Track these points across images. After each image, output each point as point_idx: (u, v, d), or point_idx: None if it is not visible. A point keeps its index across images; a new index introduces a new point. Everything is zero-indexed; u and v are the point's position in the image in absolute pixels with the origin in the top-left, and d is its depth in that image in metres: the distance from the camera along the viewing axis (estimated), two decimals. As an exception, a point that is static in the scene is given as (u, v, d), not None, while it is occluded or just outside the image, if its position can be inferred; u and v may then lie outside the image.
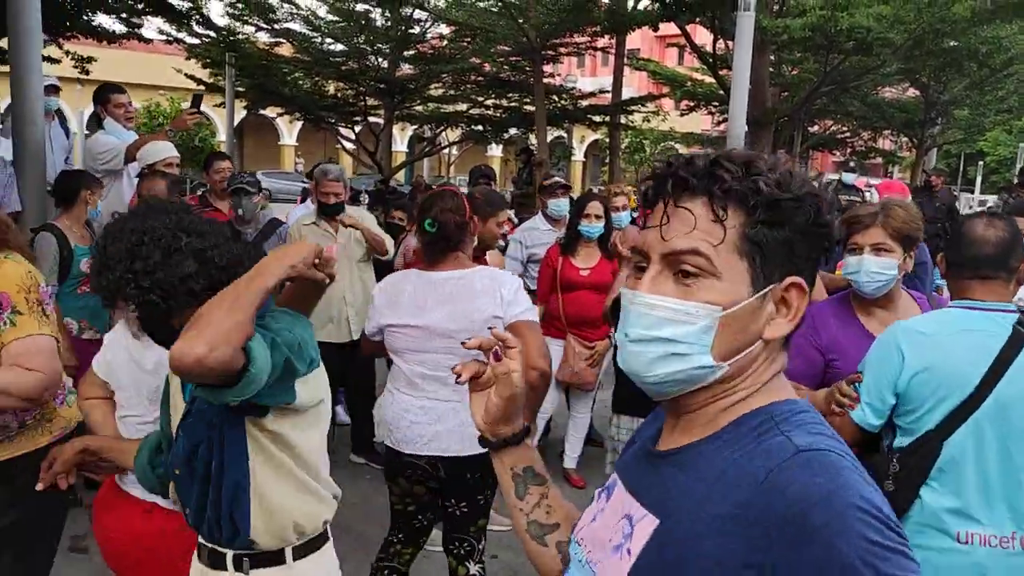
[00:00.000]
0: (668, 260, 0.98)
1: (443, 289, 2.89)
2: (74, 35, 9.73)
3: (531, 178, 11.44)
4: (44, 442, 2.38)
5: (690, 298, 0.96)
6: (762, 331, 0.98)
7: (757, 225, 0.95)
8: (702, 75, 18.19)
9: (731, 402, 1.01)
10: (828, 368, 2.56)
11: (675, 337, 0.97)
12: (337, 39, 14.62)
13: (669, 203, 0.98)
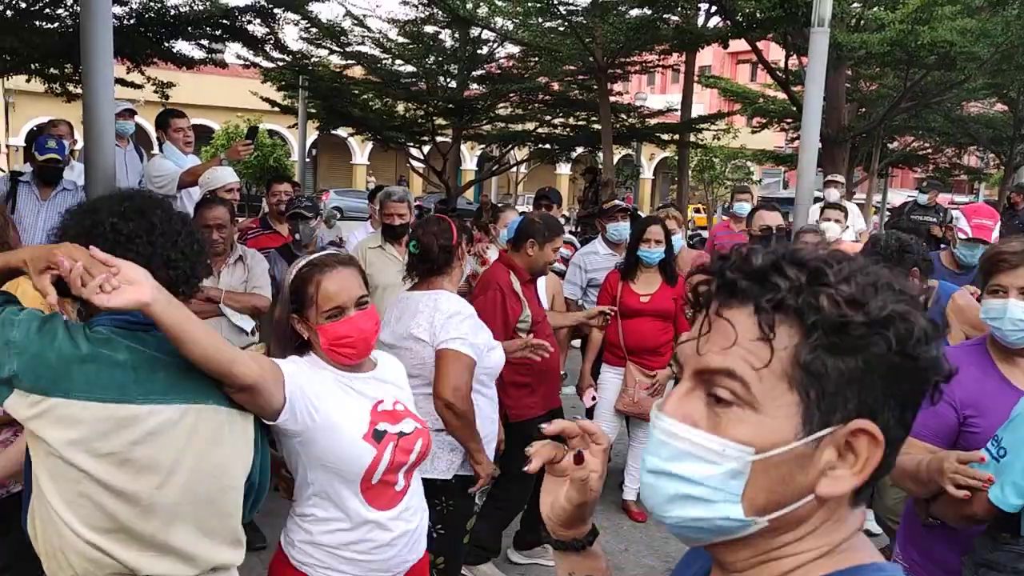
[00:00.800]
0: (701, 378, 0.80)
1: (404, 307, 3.02)
2: (155, 61, 10.10)
3: (597, 198, 11.34)
4: None
5: (718, 431, 0.78)
6: (814, 484, 0.77)
7: (816, 350, 0.75)
8: (775, 91, 17.83)
9: (794, 565, 0.81)
10: (964, 425, 2.27)
11: (694, 477, 0.78)
12: (407, 60, 14.81)
13: (712, 309, 0.80)
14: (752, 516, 0.78)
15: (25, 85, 12.18)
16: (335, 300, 1.97)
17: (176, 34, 9.65)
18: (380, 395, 2.08)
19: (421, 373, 2.85)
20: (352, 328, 1.98)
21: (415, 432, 2.08)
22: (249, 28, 10.21)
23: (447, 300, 2.93)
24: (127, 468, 1.63)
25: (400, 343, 2.91)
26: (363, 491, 2.00)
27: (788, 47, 11.46)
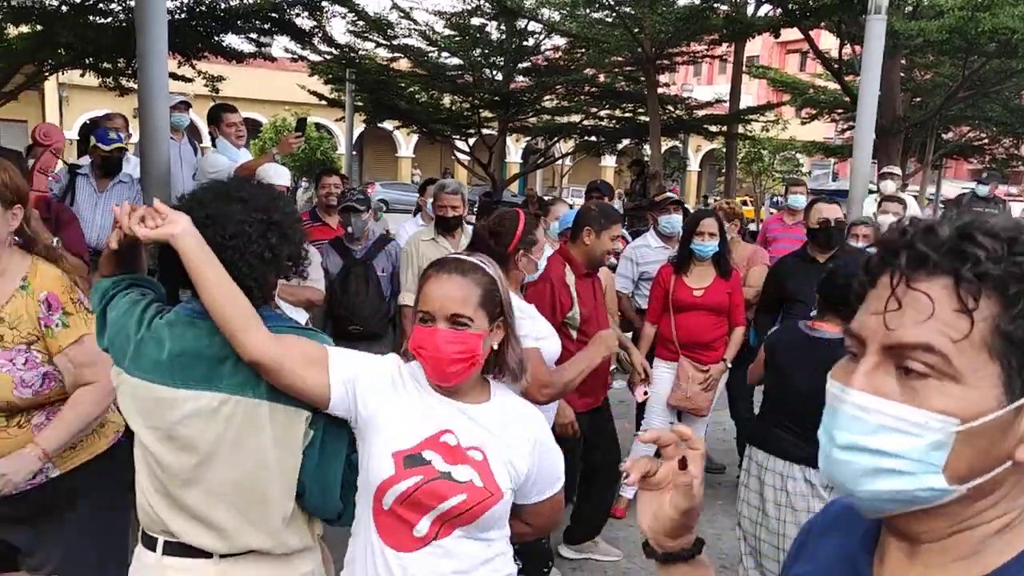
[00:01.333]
0: (890, 353, 0.79)
1: None
2: (205, 55, 10.23)
3: (644, 190, 11.22)
4: (104, 446, 2.42)
5: (918, 404, 0.77)
6: (1013, 451, 0.77)
7: (1016, 319, 0.74)
8: (825, 81, 17.46)
9: (993, 530, 0.80)
10: None
11: (894, 451, 0.78)
12: (453, 53, 14.82)
13: (900, 282, 0.78)
14: (954, 485, 0.78)
15: (79, 80, 12.43)
16: (427, 304, 1.75)
17: (226, 28, 9.78)
18: (455, 427, 1.77)
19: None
20: (428, 341, 1.72)
21: (465, 486, 1.71)
22: (297, 21, 10.31)
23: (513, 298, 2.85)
24: (170, 444, 1.77)
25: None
26: (375, 513, 1.75)
27: (842, 35, 11.20)
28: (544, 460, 1.85)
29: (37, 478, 2.25)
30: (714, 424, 5.18)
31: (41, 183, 3.44)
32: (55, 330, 2.22)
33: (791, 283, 4.65)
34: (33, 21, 9.09)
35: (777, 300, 4.79)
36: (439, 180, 4.93)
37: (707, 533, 4.45)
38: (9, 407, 2.17)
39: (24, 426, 2.22)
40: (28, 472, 2.15)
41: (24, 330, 2.20)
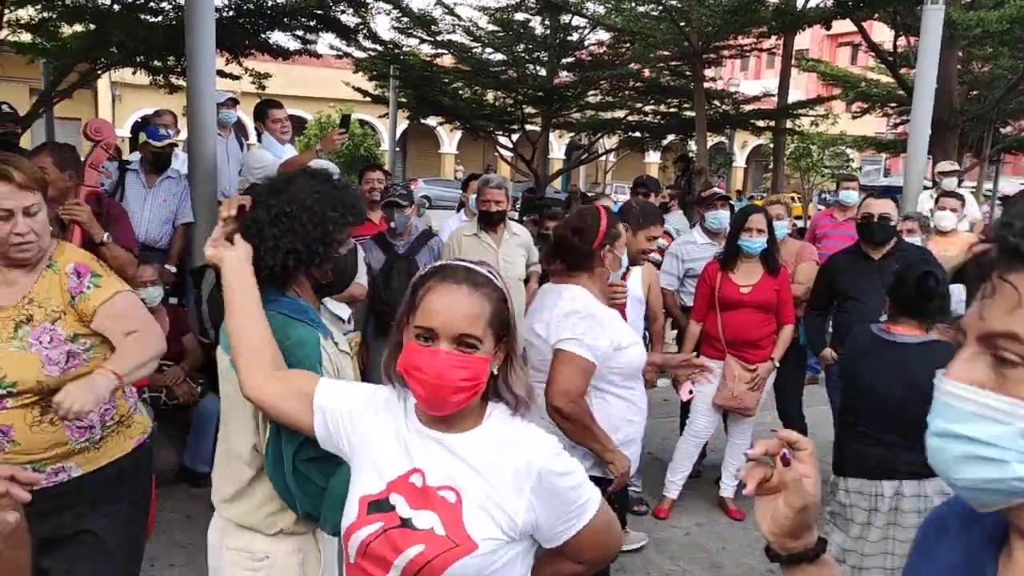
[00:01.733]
0: (985, 342, 0.82)
1: (540, 299, 2.89)
2: (252, 53, 10.34)
3: (689, 186, 11.06)
4: (128, 447, 2.41)
5: (1007, 392, 0.79)
6: None
7: None
8: (878, 74, 17.05)
9: None
10: None
11: (983, 438, 0.79)
12: (497, 48, 14.76)
13: (994, 274, 0.82)
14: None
15: (131, 78, 12.65)
16: (429, 319, 1.49)
17: (273, 25, 9.86)
18: (426, 464, 1.53)
19: (543, 369, 2.70)
20: (428, 364, 1.47)
21: (423, 535, 1.46)
22: (342, 18, 10.35)
23: (570, 297, 2.72)
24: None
25: (529, 336, 2.75)
26: (347, 567, 1.58)
27: (897, 27, 10.90)
28: (552, 497, 1.52)
29: (59, 476, 2.24)
30: (760, 424, 5.08)
31: (92, 178, 3.49)
32: (87, 292, 2.24)
33: (843, 280, 4.54)
34: (86, 20, 9.28)
35: (828, 297, 4.68)
36: (482, 175, 4.89)
37: (755, 535, 4.37)
38: (40, 388, 2.16)
39: (56, 423, 2.20)
40: (101, 395, 2.10)
41: (50, 307, 2.22)
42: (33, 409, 2.17)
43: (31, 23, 9.24)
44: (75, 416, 2.03)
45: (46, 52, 10.40)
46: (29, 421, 2.17)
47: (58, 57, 10.19)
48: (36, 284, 2.23)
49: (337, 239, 1.95)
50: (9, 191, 2.13)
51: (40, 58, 10.82)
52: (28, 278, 2.24)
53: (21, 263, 2.22)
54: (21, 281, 2.23)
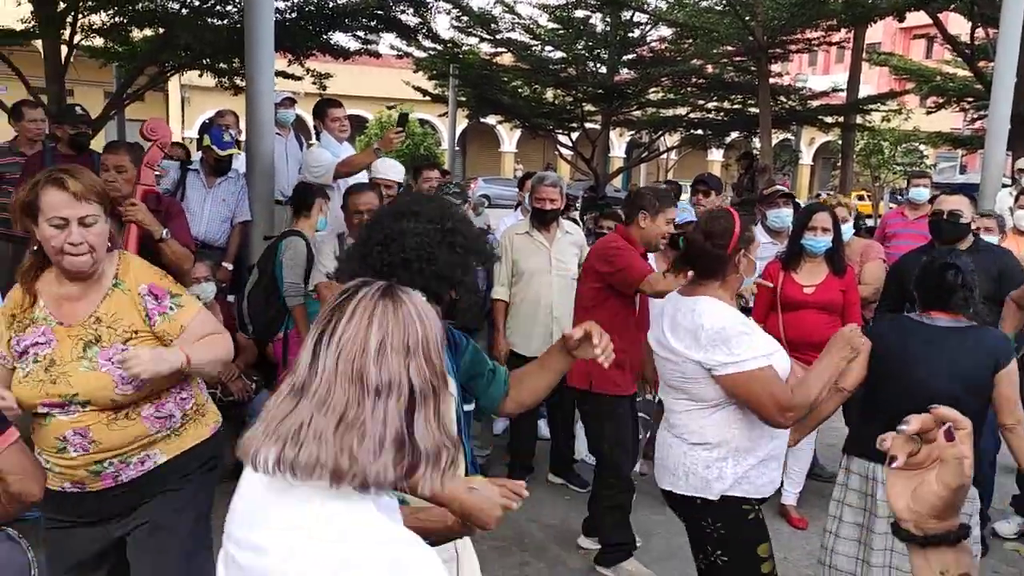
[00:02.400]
0: None
1: (669, 312, 2.69)
2: (314, 53, 10.49)
3: (752, 184, 10.81)
4: (206, 434, 2.44)
5: None
6: None
7: None
8: (954, 68, 16.43)
9: None
10: None
11: None
12: (557, 46, 14.71)
13: None
14: None
15: (198, 80, 12.96)
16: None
17: (334, 26, 9.99)
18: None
19: (683, 387, 2.58)
20: None
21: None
22: (402, 18, 10.42)
23: (710, 312, 2.54)
24: None
25: (660, 351, 2.64)
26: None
27: (974, 18, 10.46)
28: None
29: (146, 464, 2.30)
30: (826, 430, 4.90)
31: (148, 177, 3.53)
32: (171, 313, 2.28)
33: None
34: (155, 25, 9.52)
35: (900, 298, 4.48)
36: (538, 173, 4.83)
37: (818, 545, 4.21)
38: (114, 405, 2.19)
39: (134, 417, 2.24)
40: (164, 370, 2.13)
41: (121, 327, 2.22)
42: (106, 411, 2.19)
43: (103, 28, 9.52)
44: (132, 378, 2.09)
45: (117, 56, 10.73)
46: (106, 421, 2.20)
47: (129, 60, 10.50)
48: (103, 303, 2.22)
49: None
50: (65, 200, 2.12)
51: (112, 62, 11.17)
52: (92, 296, 2.23)
53: (76, 275, 2.21)
54: (85, 298, 2.23)
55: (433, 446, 1.17)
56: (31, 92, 8.58)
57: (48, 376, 2.16)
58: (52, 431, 2.17)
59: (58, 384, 2.15)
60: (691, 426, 2.63)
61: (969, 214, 4.26)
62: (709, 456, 2.61)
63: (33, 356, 2.19)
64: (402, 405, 1.15)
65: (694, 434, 2.62)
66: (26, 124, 5.62)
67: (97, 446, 2.18)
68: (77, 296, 2.23)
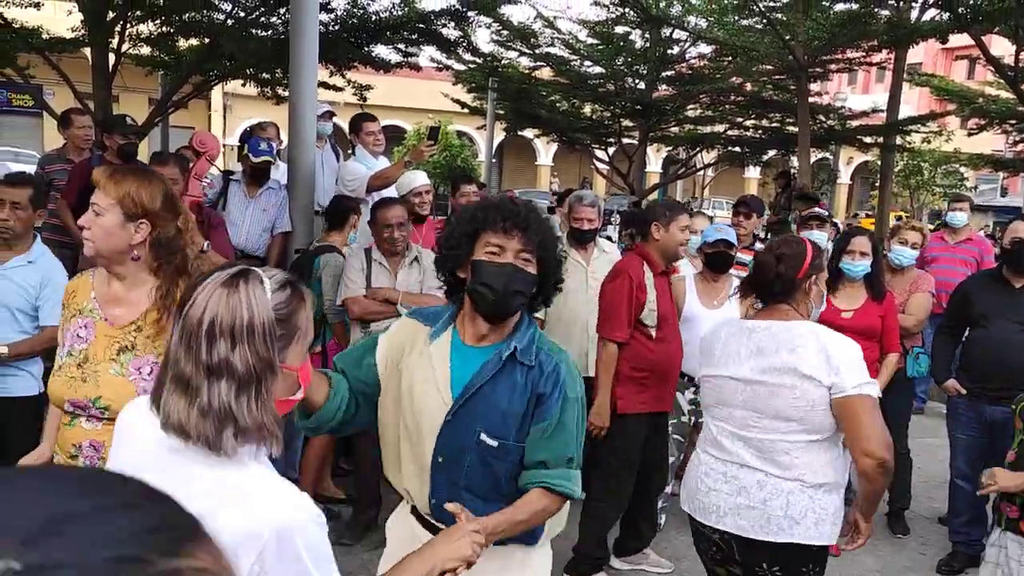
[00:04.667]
0: None
1: (755, 339, 2.55)
2: (355, 65, 10.61)
3: (789, 203, 10.72)
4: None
5: None
6: None
7: None
8: (997, 89, 16.16)
9: None
10: None
11: None
12: (596, 62, 14.72)
13: None
14: None
15: (240, 89, 13.18)
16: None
17: (376, 39, 10.09)
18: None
19: (804, 416, 2.42)
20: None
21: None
22: (443, 31, 10.50)
23: (832, 335, 2.48)
24: None
25: (772, 378, 2.46)
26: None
27: (1019, 40, 10.29)
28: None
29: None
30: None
31: (196, 188, 3.62)
32: None
33: (979, 307, 4.26)
34: (201, 35, 9.71)
35: (961, 321, 4.41)
36: (574, 192, 4.84)
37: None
38: None
39: None
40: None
41: (159, 341, 2.20)
42: None
43: (151, 37, 9.72)
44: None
45: (164, 65, 10.93)
46: None
47: (175, 69, 10.69)
48: (148, 314, 2.23)
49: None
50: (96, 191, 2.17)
51: (158, 70, 11.39)
52: (137, 303, 2.24)
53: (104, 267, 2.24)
54: (129, 303, 2.24)
55: (255, 425, 1.29)
56: (78, 97, 8.79)
57: (80, 373, 2.19)
58: (71, 437, 2.19)
59: (88, 383, 2.17)
60: (814, 464, 2.46)
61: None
62: (830, 498, 2.49)
63: (69, 349, 2.23)
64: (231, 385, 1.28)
65: (817, 472, 2.46)
66: (75, 131, 5.76)
67: (106, 464, 2.13)
68: (120, 299, 2.25)
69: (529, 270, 2.00)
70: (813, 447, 2.45)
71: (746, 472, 2.52)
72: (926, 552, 4.55)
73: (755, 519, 2.48)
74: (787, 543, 2.44)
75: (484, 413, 1.97)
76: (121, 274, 2.23)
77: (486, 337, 2.05)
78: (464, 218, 2.05)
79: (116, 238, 2.16)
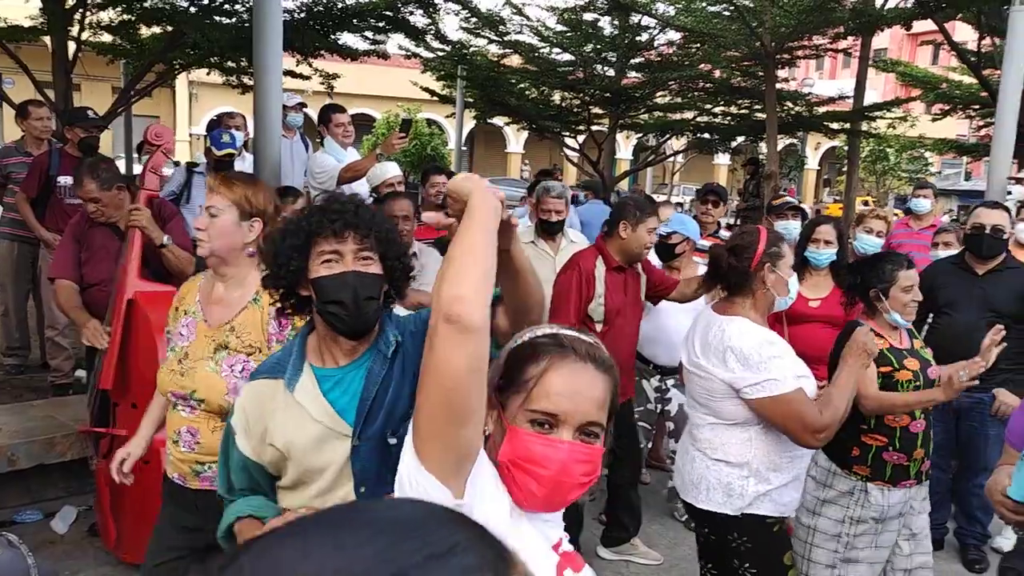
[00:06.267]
0: None
1: (704, 327, 2.73)
2: (322, 53, 10.48)
3: (758, 190, 10.81)
4: None
5: None
6: None
7: None
8: (960, 75, 16.38)
9: None
10: None
11: None
12: (565, 49, 14.68)
13: None
14: None
15: (206, 78, 12.98)
16: (553, 403, 1.26)
17: (342, 26, 9.97)
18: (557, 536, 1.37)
19: (708, 404, 2.68)
20: (554, 458, 1.25)
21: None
22: (411, 19, 10.41)
23: (740, 333, 2.57)
24: None
25: (689, 366, 2.73)
26: None
27: (981, 28, 10.44)
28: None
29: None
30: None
31: (153, 182, 3.55)
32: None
33: (943, 294, 4.28)
34: (163, 22, 9.53)
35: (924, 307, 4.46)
36: (542, 183, 4.83)
37: None
38: (222, 411, 2.34)
39: None
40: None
41: (248, 340, 2.39)
42: (216, 418, 2.39)
43: (111, 25, 9.52)
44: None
45: (126, 53, 10.72)
46: (211, 427, 2.38)
47: (137, 57, 10.49)
48: (240, 315, 2.41)
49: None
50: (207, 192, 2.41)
51: (120, 58, 11.17)
52: (233, 304, 2.43)
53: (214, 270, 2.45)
54: (227, 304, 2.44)
55: None
56: (37, 87, 8.59)
57: (180, 368, 2.41)
58: (175, 423, 2.43)
59: (185, 377, 2.38)
60: (714, 442, 2.67)
61: (1009, 229, 4.23)
62: (731, 473, 2.66)
63: (173, 346, 2.46)
64: None
65: (716, 450, 2.67)
66: (32, 123, 5.64)
67: (201, 448, 2.39)
68: (220, 300, 2.45)
69: (373, 270, 1.84)
70: (718, 427, 2.68)
71: (686, 445, 2.88)
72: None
73: (678, 480, 2.89)
74: (705, 510, 2.70)
75: (387, 417, 1.83)
76: (227, 275, 2.44)
77: (355, 349, 1.89)
78: (290, 230, 1.85)
79: (231, 237, 2.37)
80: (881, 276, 2.97)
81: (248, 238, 2.41)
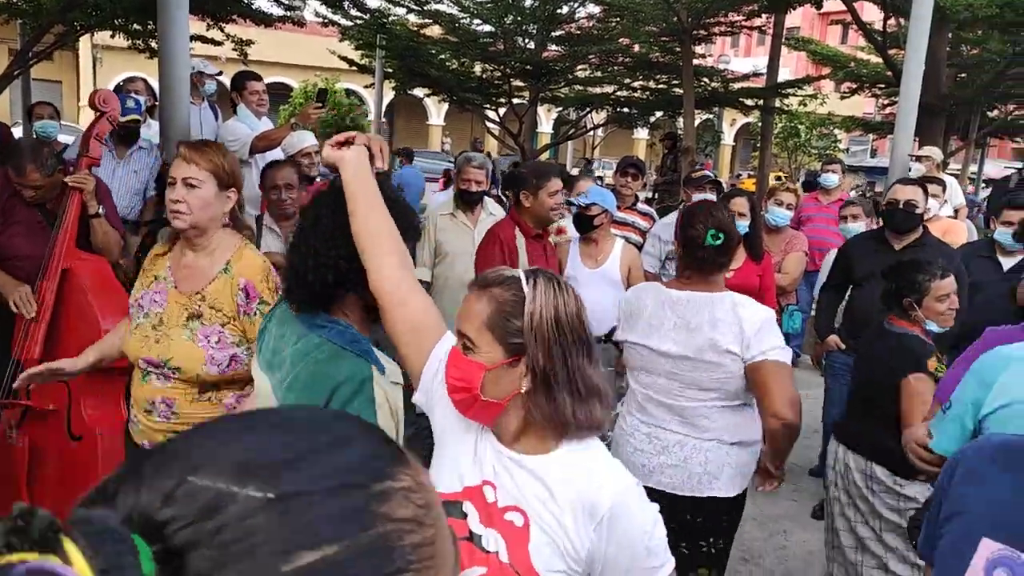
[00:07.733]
0: None
1: (679, 311, 2.62)
2: (234, 18, 10.12)
3: (676, 165, 10.98)
4: None
5: None
6: None
7: None
8: (868, 55, 16.96)
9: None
10: None
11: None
12: (485, 20, 14.56)
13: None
14: None
15: (110, 41, 12.39)
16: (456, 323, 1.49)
17: (255, -10, 9.66)
18: (497, 479, 1.45)
19: (721, 387, 2.57)
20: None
21: (488, 558, 1.39)
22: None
23: (747, 306, 2.56)
24: None
25: (696, 354, 2.56)
26: None
27: (887, 8, 10.80)
28: (620, 541, 1.37)
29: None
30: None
31: (96, 150, 3.37)
32: (253, 318, 2.34)
33: (861, 267, 4.42)
34: (63, -19, 9.04)
35: (844, 279, 4.60)
36: (463, 153, 4.79)
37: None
38: (198, 381, 2.33)
39: (215, 402, 2.37)
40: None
41: (221, 311, 2.33)
42: (193, 387, 2.35)
43: (5, -19, 9.00)
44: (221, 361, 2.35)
45: (21, 12, 10.14)
46: (189, 398, 2.36)
47: (34, 17, 9.93)
48: (211, 284, 2.35)
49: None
50: (178, 162, 2.28)
51: (16, 18, 10.56)
52: (203, 272, 2.37)
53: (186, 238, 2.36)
54: (197, 272, 2.37)
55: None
56: (-75, 49, 8.05)
57: (154, 334, 2.34)
58: (146, 393, 2.36)
59: (160, 344, 2.33)
60: (729, 426, 2.60)
61: (922, 204, 4.38)
62: (745, 453, 2.64)
63: (146, 312, 2.38)
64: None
65: (734, 434, 2.61)
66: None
67: (178, 418, 2.34)
68: (190, 266, 2.38)
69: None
70: (728, 410, 2.61)
71: (667, 434, 2.66)
72: (797, 499, 4.80)
73: (677, 476, 2.63)
74: (704, 498, 2.62)
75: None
76: (200, 244, 2.36)
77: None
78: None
79: (213, 208, 2.30)
80: (913, 287, 2.96)
81: (227, 208, 2.36)
